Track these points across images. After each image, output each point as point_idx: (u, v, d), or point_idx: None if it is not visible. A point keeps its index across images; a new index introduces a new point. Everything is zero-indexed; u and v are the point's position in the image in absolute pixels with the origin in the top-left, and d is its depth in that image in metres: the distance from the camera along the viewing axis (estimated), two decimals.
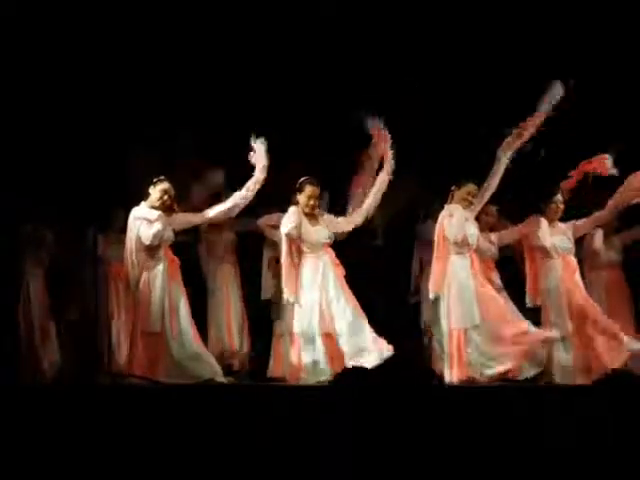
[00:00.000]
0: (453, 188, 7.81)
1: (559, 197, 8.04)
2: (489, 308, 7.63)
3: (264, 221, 8.36)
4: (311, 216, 7.69)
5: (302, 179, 7.68)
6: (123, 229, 7.51)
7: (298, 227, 7.56)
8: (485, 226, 8.20)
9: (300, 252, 7.62)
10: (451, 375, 7.50)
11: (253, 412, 5.78)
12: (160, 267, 7.31)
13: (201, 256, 8.83)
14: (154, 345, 7.20)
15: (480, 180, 7.77)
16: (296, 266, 7.56)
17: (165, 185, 7.38)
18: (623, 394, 4.88)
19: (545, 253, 7.96)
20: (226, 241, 8.82)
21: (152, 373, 7.10)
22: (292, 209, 7.65)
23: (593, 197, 8.18)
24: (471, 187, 7.78)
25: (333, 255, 7.69)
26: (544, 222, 7.99)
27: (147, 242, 7.28)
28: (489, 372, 7.49)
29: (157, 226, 7.29)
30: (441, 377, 7.40)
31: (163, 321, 7.22)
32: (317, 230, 7.65)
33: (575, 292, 7.91)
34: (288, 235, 7.53)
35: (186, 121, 8.76)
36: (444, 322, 7.66)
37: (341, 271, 7.65)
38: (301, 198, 7.66)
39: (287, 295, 7.52)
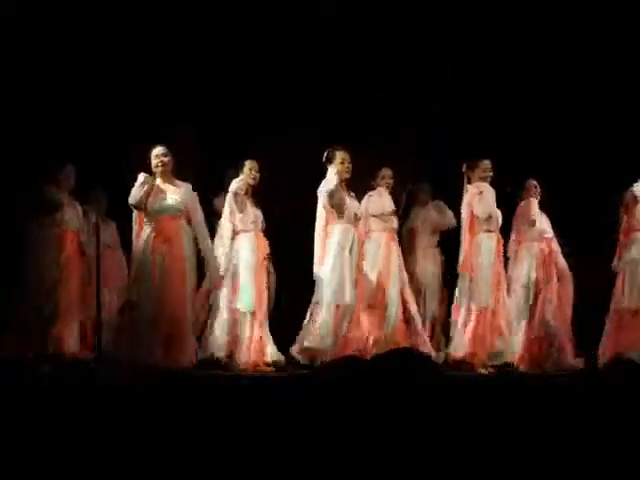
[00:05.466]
0: (465, 169, 7.67)
1: None
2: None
3: None
4: (346, 187, 7.38)
5: (328, 150, 7.35)
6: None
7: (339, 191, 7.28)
8: None
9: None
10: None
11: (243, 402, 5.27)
12: (146, 235, 6.97)
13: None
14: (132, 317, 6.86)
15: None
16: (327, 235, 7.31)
17: (157, 149, 7.05)
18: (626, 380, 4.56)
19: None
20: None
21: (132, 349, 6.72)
22: (332, 172, 7.29)
23: None
24: (487, 163, 7.66)
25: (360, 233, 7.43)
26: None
27: (130, 200, 6.99)
28: None
29: (137, 185, 6.96)
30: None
31: (141, 291, 6.91)
32: (352, 201, 7.40)
33: None
34: (329, 192, 7.20)
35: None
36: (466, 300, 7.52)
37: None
38: (336, 166, 7.28)
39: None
